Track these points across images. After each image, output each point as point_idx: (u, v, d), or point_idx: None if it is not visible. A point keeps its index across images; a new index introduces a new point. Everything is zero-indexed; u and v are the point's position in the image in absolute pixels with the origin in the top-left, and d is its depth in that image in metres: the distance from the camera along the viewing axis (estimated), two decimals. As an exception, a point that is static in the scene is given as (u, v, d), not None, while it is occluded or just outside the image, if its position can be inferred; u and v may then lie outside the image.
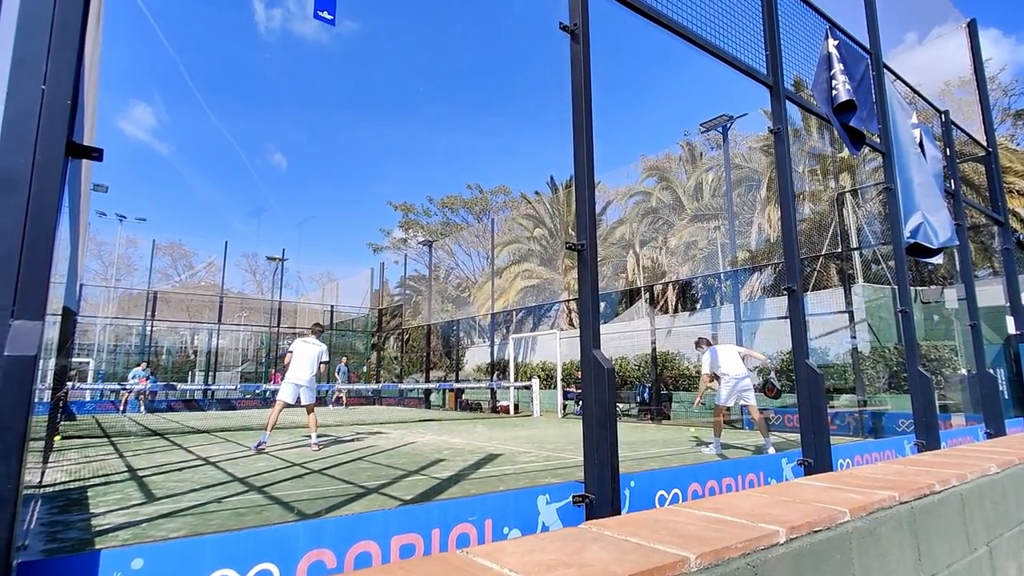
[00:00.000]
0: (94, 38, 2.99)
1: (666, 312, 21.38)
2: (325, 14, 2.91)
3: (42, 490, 4.88)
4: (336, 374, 20.85)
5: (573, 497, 2.47)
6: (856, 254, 15.25)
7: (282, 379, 8.24)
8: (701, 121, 14.69)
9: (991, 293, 10.43)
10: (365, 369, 26.68)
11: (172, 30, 52.53)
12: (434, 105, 59.44)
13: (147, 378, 17.78)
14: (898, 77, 6.05)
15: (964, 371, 11.20)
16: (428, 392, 21.75)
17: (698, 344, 8.17)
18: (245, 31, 58.19)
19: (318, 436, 8.03)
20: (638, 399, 15.35)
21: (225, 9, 57.10)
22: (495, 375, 20.34)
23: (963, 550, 2.05)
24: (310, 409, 7.98)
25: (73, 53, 1.46)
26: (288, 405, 7.91)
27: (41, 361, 1.44)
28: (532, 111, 57.42)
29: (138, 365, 18.86)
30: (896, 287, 5.20)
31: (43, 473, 5.68)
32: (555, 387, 17.00)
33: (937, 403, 5.59)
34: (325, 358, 8.25)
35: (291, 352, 8.07)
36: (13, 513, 1.19)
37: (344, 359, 22.15)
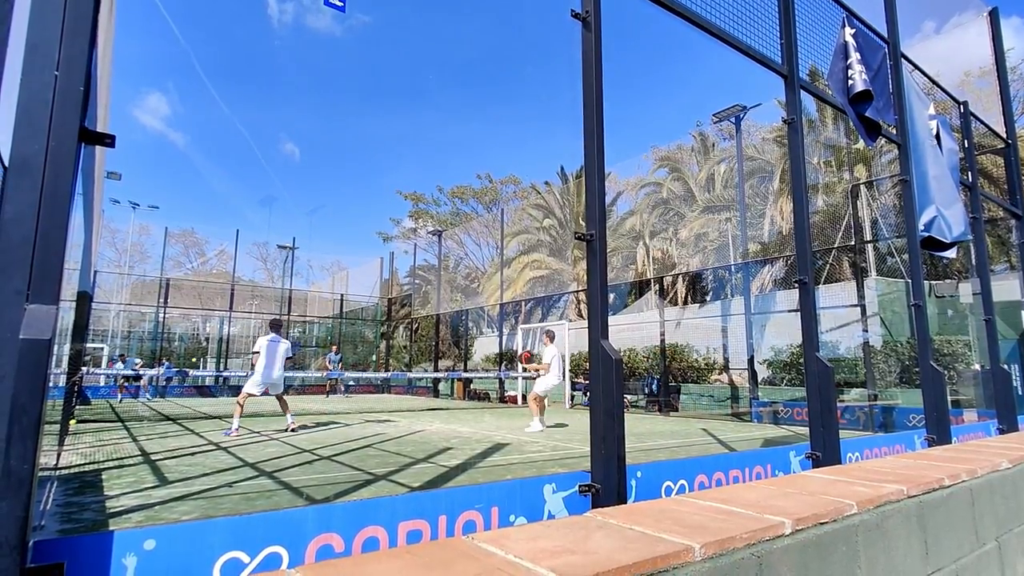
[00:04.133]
0: (107, 26, 3.01)
1: (676, 304, 21.30)
2: (336, 0, 2.90)
3: (58, 472, 4.97)
4: (328, 364, 20.99)
5: (579, 486, 2.48)
6: (870, 247, 15.08)
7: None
8: (714, 111, 14.53)
9: (1007, 288, 10.28)
10: (375, 358, 26.85)
11: (185, 21, 52.72)
12: (445, 94, 59.34)
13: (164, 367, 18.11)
14: (916, 67, 5.94)
15: (977, 366, 11.08)
16: (437, 381, 21.87)
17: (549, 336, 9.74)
18: (258, 24, 58.28)
19: (292, 416, 8.74)
20: (646, 391, 15.34)
21: (238, 1, 57.15)
22: (503, 365, 20.39)
23: (971, 545, 2.04)
24: (280, 397, 8.72)
25: (85, 40, 1.47)
26: (253, 395, 8.48)
27: (56, 346, 1.46)
28: (543, 100, 57.17)
29: (160, 362, 19.19)
30: (910, 281, 5.14)
31: (59, 456, 5.79)
32: (563, 377, 17.02)
33: (949, 398, 5.54)
34: (291, 354, 8.80)
35: (256, 352, 8.60)
36: (29, 493, 1.21)
37: (334, 347, 22.23)
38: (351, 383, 22.84)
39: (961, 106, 6.71)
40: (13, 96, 1.38)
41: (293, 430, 8.45)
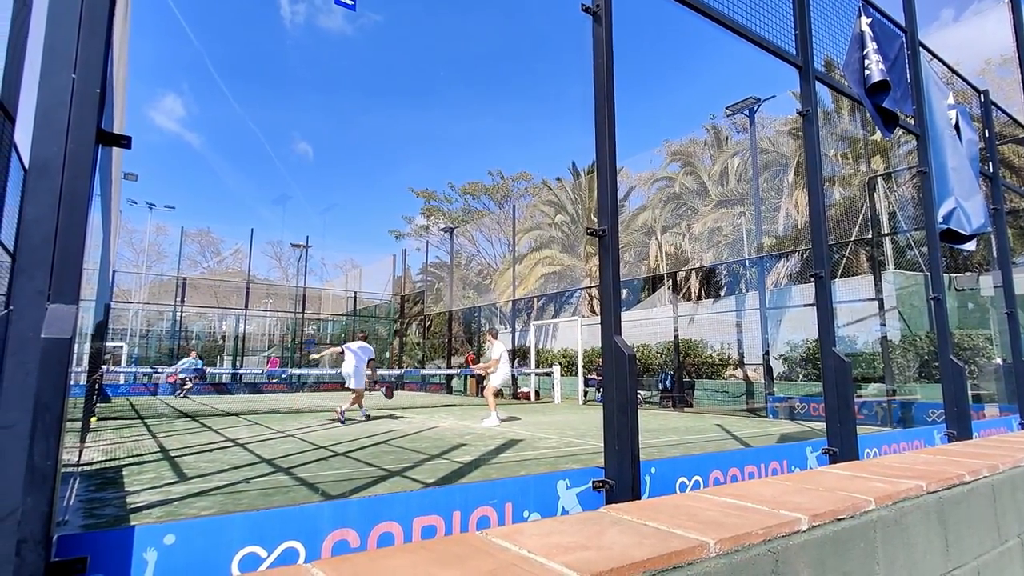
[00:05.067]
0: (122, 28, 3.05)
1: (689, 299, 21.16)
2: None
3: (80, 469, 5.07)
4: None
5: (593, 482, 2.47)
6: (888, 240, 14.85)
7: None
8: (727, 104, 14.38)
9: (1030, 280, 10.06)
10: (388, 355, 27.00)
11: (199, 24, 53.31)
12: (455, 90, 59.40)
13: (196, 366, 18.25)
14: (935, 56, 5.83)
15: (999, 360, 10.87)
16: (450, 378, 21.95)
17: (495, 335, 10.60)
18: (270, 26, 58.77)
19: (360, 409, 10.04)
20: (660, 386, 15.27)
21: (250, 3, 57.62)
22: (516, 361, 20.40)
23: (993, 541, 2.01)
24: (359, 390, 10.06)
25: (101, 43, 1.49)
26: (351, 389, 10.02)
27: (76, 344, 1.48)
28: (554, 96, 56.98)
29: (188, 354, 19.26)
30: (929, 274, 5.06)
31: (80, 452, 5.90)
32: (576, 374, 17.00)
33: (970, 393, 5.45)
34: (371, 356, 10.49)
35: (341, 353, 10.19)
36: (52, 488, 1.24)
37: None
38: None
39: (981, 95, 6.58)
40: (32, 99, 1.40)
41: (340, 421, 9.45)
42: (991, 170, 6.33)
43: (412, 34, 59.33)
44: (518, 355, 20.80)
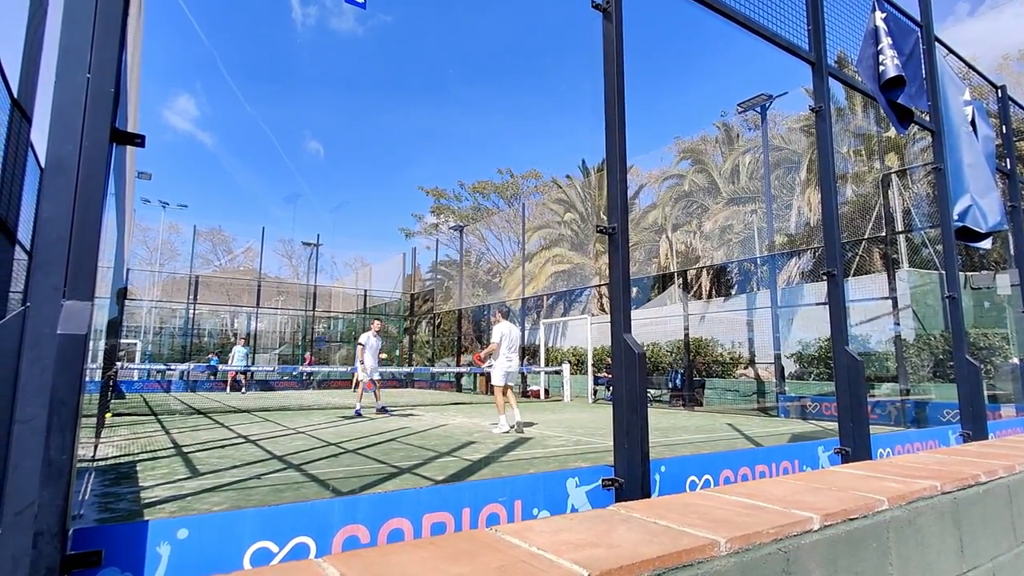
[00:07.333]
0: (135, 29, 3.08)
1: (700, 298, 21.04)
2: (356, -2, 2.92)
3: (95, 464, 5.14)
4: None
5: (603, 481, 2.47)
6: (902, 238, 14.67)
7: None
8: (739, 101, 14.26)
9: (1048, 279, 9.89)
10: (398, 352, 27.10)
11: (212, 26, 53.83)
12: (466, 89, 59.44)
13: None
14: (950, 51, 5.74)
15: (1016, 360, 10.72)
16: (459, 376, 21.99)
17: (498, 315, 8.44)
18: (282, 28, 59.18)
19: (363, 406, 10.65)
20: (670, 385, 15.20)
21: (262, 6, 58.04)
22: (526, 360, 20.40)
23: (1009, 543, 1.98)
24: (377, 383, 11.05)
25: (115, 43, 1.51)
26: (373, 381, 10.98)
27: (92, 341, 1.51)
28: (564, 93, 56.88)
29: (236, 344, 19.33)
30: (944, 272, 4.99)
31: (96, 448, 5.98)
32: (586, 372, 16.97)
33: (985, 393, 5.37)
34: (383, 356, 11.69)
35: (362, 345, 10.77)
36: (68, 483, 1.26)
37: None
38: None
39: (998, 90, 6.48)
40: (48, 99, 1.42)
41: (382, 410, 10.80)
42: (1008, 167, 6.23)
43: (422, 33, 59.48)
44: (528, 353, 20.79)
